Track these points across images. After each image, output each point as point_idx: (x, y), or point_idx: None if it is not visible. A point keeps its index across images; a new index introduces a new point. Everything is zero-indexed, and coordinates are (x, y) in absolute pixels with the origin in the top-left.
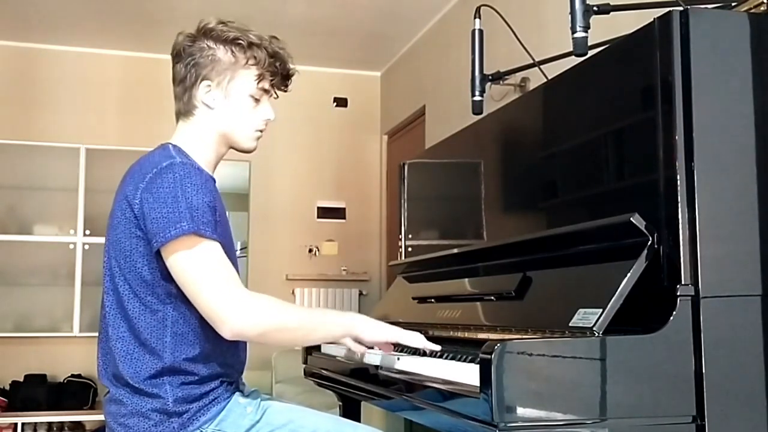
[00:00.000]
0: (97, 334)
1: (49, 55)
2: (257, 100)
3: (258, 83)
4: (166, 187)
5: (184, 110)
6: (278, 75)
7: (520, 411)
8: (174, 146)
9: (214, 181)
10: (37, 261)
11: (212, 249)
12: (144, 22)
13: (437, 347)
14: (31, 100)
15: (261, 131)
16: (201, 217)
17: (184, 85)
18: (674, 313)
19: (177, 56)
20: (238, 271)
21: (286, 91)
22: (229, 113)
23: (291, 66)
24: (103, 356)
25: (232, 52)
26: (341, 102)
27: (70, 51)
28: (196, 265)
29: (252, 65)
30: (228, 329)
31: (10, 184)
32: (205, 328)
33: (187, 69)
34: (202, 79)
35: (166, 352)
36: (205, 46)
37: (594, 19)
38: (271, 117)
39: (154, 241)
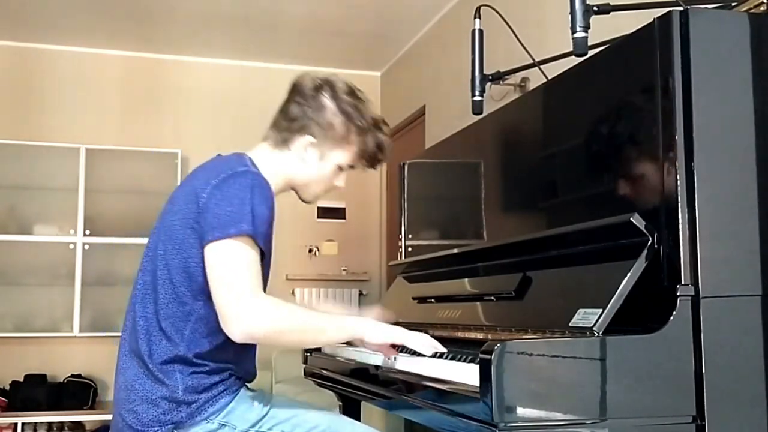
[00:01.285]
0: (97, 334)
1: (49, 55)
2: (341, 170)
3: (353, 161)
4: (236, 188)
5: (276, 141)
6: (372, 161)
7: (520, 411)
8: (251, 159)
9: None
10: (37, 261)
11: (253, 256)
12: (144, 22)
13: (443, 349)
14: (31, 100)
15: (326, 193)
16: (259, 226)
17: (290, 125)
18: (674, 313)
19: (298, 96)
20: (266, 282)
21: (373, 169)
22: (312, 172)
23: (387, 155)
24: (125, 332)
25: (347, 128)
26: None
27: (70, 51)
28: (233, 265)
29: (357, 148)
30: (237, 329)
31: (10, 184)
32: (222, 332)
33: (301, 113)
34: (310, 134)
35: (183, 343)
36: (327, 106)
37: (594, 19)
38: (342, 187)
39: (209, 235)
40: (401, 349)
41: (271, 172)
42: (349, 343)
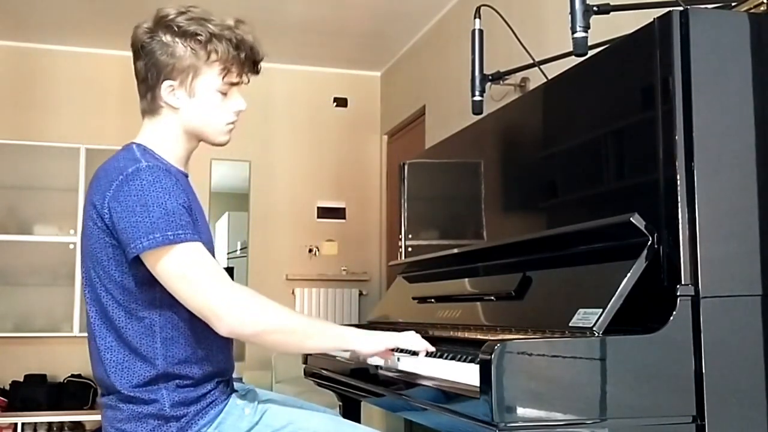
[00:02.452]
0: None
1: (49, 55)
2: (225, 94)
3: (223, 78)
4: (134, 195)
5: (149, 109)
6: (245, 64)
7: (520, 411)
8: (139, 146)
9: (186, 176)
10: (37, 261)
11: (194, 250)
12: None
13: (432, 348)
14: (31, 100)
15: (233, 123)
16: (177, 221)
17: (146, 84)
18: (674, 313)
19: (136, 53)
20: None
21: (257, 75)
22: (196, 111)
23: (258, 51)
24: (93, 364)
25: (192, 48)
26: (341, 102)
27: (70, 51)
28: (183, 270)
29: (214, 61)
30: (225, 326)
31: (10, 184)
32: (194, 330)
33: (147, 68)
34: (164, 79)
35: (158, 358)
36: (164, 41)
37: (594, 19)
38: (242, 107)
39: (127, 251)
40: (401, 349)
41: (163, 142)
42: None
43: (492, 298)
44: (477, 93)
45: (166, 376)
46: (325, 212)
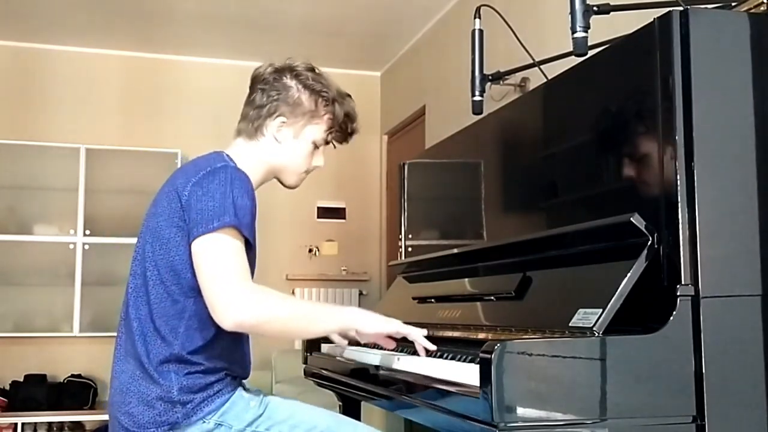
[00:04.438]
0: (97, 334)
1: (49, 55)
2: (317, 148)
3: (327, 134)
4: (216, 183)
5: (249, 132)
6: (345, 132)
7: (520, 411)
8: (228, 156)
9: None
10: (37, 261)
11: (238, 247)
12: (144, 22)
13: (433, 347)
14: (31, 100)
15: (306, 173)
16: (243, 217)
17: (259, 112)
18: (674, 313)
19: (260, 84)
20: (253, 273)
21: (342, 145)
22: (290, 152)
23: (357, 127)
24: (120, 337)
25: (316, 102)
26: None
27: (70, 51)
28: (219, 256)
29: (329, 118)
30: (227, 318)
31: (10, 184)
32: (218, 327)
33: (268, 99)
34: (280, 115)
35: (177, 342)
36: (292, 86)
37: (594, 19)
38: (321, 165)
39: (195, 231)
40: (401, 349)
41: (249, 163)
42: (349, 342)
43: (492, 298)
44: (477, 93)
45: (179, 359)
46: (325, 212)
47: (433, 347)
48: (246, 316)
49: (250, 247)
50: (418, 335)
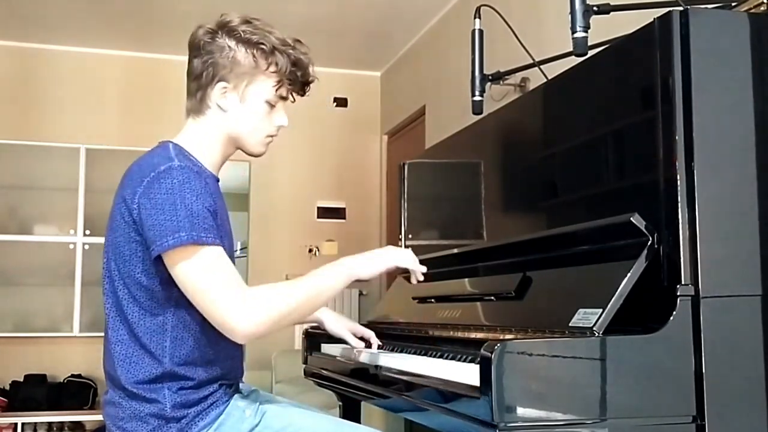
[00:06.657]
0: (97, 334)
1: (49, 55)
2: (272, 106)
3: (276, 90)
4: (163, 193)
5: (195, 108)
6: (297, 82)
7: (520, 411)
8: (175, 146)
9: (217, 180)
10: (37, 261)
11: (214, 255)
12: (144, 22)
13: (423, 268)
14: (31, 100)
15: (272, 136)
16: (201, 224)
17: (198, 83)
18: (674, 313)
19: (195, 50)
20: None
21: (303, 96)
22: (242, 117)
23: (312, 73)
24: (104, 356)
25: (254, 56)
26: (341, 102)
27: (70, 51)
28: (199, 274)
29: (272, 72)
30: (240, 334)
31: (10, 184)
32: (205, 333)
33: (204, 66)
34: (219, 80)
35: (166, 356)
36: (226, 45)
37: (594, 19)
38: (285, 123)
39: (152, 248)
40: (401, 349)
41: (203, 143)
42: (343, 341)
43: (492, 298)
44: (477, 93)
45: (171, 375)
46: (325, 212)
47: (423, 269)
48: (259, 328)
49: (224, 247)
50: (413, 265)
